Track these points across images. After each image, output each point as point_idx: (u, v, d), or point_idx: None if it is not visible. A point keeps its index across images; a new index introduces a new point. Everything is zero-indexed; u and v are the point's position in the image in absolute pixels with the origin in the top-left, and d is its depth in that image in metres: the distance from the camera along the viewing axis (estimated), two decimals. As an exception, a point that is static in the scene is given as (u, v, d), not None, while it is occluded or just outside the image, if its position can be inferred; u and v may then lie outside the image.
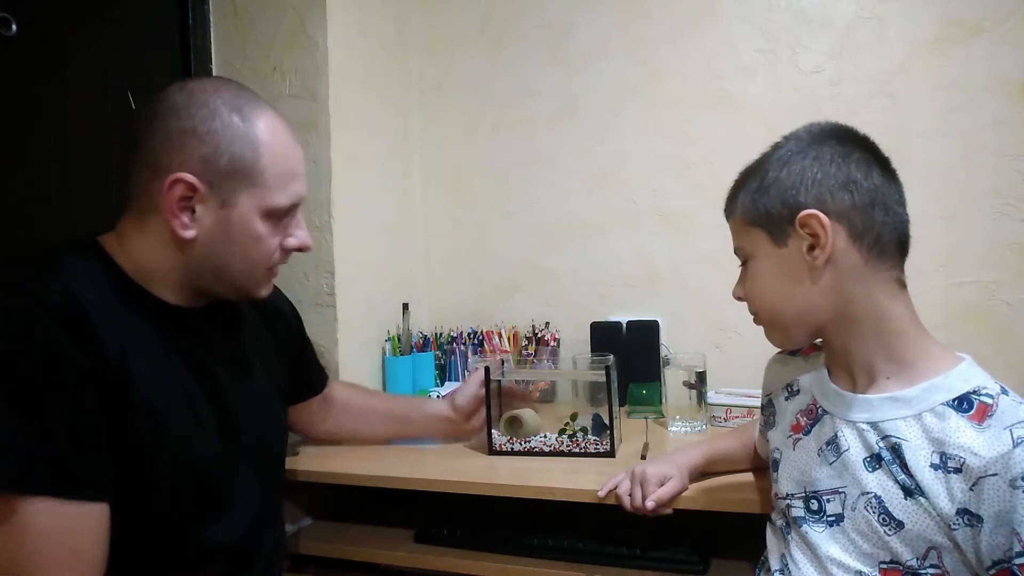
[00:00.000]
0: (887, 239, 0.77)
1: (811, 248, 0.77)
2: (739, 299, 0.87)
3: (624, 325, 1.69)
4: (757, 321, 0.87)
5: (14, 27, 1.23)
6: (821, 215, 0.76)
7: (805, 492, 0.83)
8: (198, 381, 0.91)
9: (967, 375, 0.74)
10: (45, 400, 0.75)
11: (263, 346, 1.07)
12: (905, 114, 1.53)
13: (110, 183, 1.40)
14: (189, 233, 0.86)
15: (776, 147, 0.83)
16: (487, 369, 1.29)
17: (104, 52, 1.40)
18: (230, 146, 0.85)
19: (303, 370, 1.21)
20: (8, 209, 1.23)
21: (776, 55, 1.63)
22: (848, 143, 0.79)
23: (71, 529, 0.76)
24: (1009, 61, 1.47)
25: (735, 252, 0.87)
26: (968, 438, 0.70)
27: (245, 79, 1.58)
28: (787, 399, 0.93)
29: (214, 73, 1.60)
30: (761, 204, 0.81)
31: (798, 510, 0.83)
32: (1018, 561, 0.66)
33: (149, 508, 0.84)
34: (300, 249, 0.96)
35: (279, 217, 0.91)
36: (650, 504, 0.99)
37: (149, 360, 0.85)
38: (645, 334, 1.67)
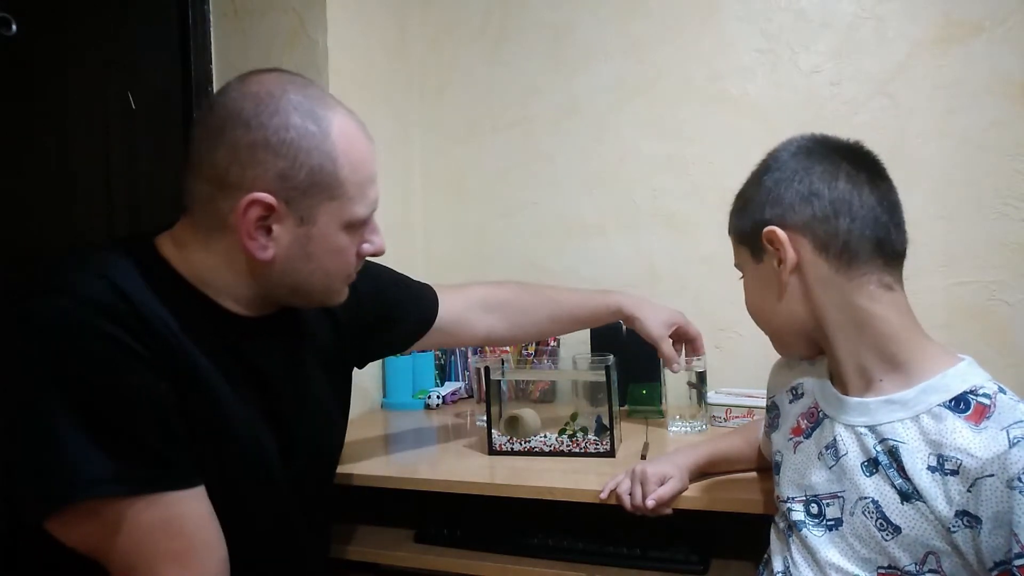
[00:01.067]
0: (857, 245, 0.77)
1: (779, 262, 0.81)
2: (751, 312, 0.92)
3: (624, 325, 1.69)
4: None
5: (14, 27, 1.23)
6: (778, 230, 0.80)
7: (805, 496, 0.83)
8: (256, 390, 0.87)
9: (965, 375, 0.74)
10: (113, 396, 0.72)
11: (319, 341, 1.00)
12: (905, 114, 1.53)
13: (110, 183, 1.40)
14: (267, 255, 0.80)
15: (758, 166, 0.87)
16: (487, 369, 1.29)
17: (104, 52, 1.40)
18: (308, 158, 0.78)
19: (390, 325, 1.14)
20: (8, 209, 1.23)
21: (776, 55, 1.63)
22: (815, 155, 0.81)
23: (175, 517, 0.75)
24: (1009, 61, 1.47)
25: (735, 267, 0.91)
26: (965, 439, 0.69)
27: (245, 79, 1.58)
28: (791, 402, 0.93)
29: (214, 73, 1.60)
30: (742, 223, 0.86)
31: (798, 514, 0.83)
32: (1018, 563, 0.65)
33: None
34: (376, 254, 0.91)
35: (359, 227, 0.86)
36: (650, 503, 0.99)
37: (207, 360, 0.81)
38: (645, 334, 1.67)
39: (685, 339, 1.33)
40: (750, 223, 0.83)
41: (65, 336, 0.71)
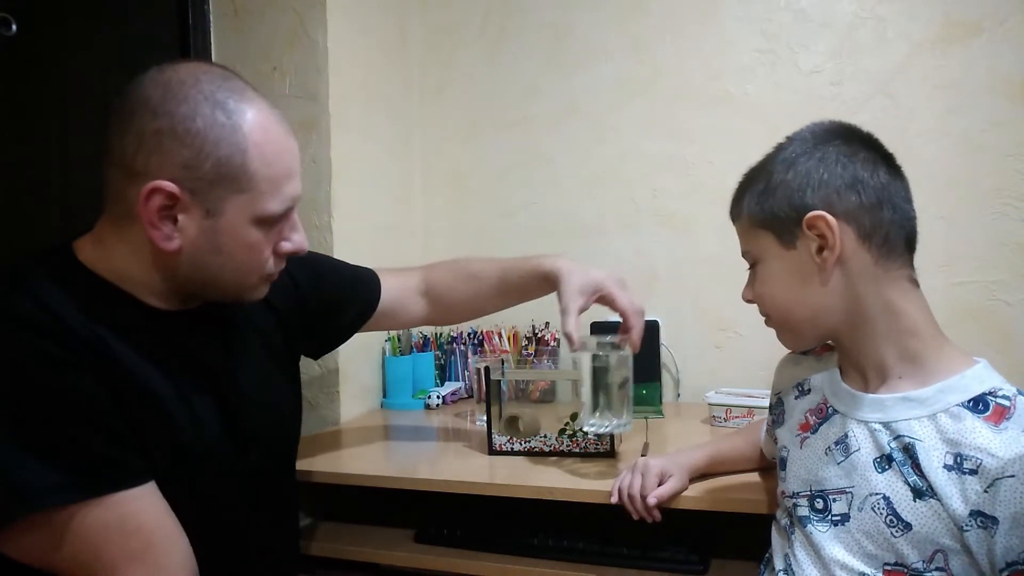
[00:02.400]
0: (896, 237, 0.77)
1: (820, 250, 0.77)
2: (749, 302, 0.86)
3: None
4: (769, 323, 0.86)
5: (14, 27, 1.23)
6: (828, 216, 0.75)
7: (811, 491, 0.82)
8: (198, 383, 0.86)
9: (982, 377, 0.74)
10: (47, 406, 0.72)
11: (261, 329, 1.00)
12: (905, 114, 1.53)
13: (110, 183, 1.40)
14: (172, 244, 0.78)
15: (780, 148, 0.82)
16: (487, 369, 1.29)
17: (104, 52, 1.40)
18: (215, 148, 0.76)
19: (336, 311, 1.14)
20: (8, 209, 1.23)
21: (776, 55, 1.63)
22: (853, 142, 0.79)
23: (129, 516, 0.74)
24: (1009, 61, 1.47)
25: (743, 255, 0.86)
26: (985, 439, 0.69)
27: (245, 79, 1.58)
28: (797, 398, 0.92)
29: (214, 73, 1.60)
30: (768, 206, 0.80)
31: (803, 509, 0.83)
32: None
33: None
34: (295, 253, 0.88)
35: (273, 223, 0.83)
36: (651, 500, 0.99)
37: (141, 359, 0.80)
38: (645, 334, 1.65)
39: (614, 309, 1.15)
40: (784, 207, 0.78)
41: None
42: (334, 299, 1.14)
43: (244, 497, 0.91)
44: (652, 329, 1.67)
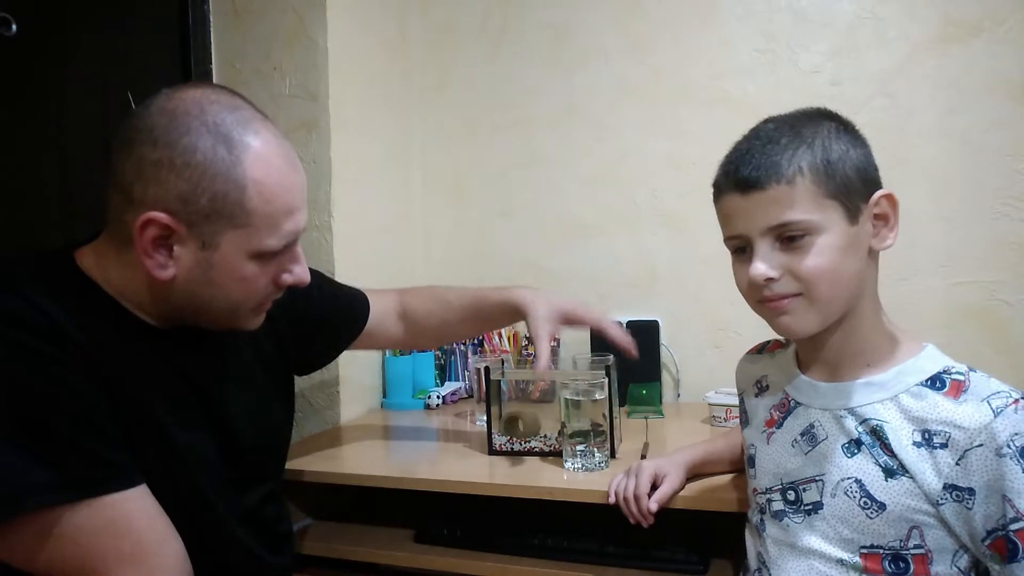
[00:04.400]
0: None
1: (888, 228, 0.78)
2: (769, 280, 0.77)
3: (624, 325, 1.68)
4: (795, 302, 0.77)
5: (14, 27, 1.23)
6: (894, 196, 0.78)
7: (782, 484, 0.84)
8: (189, 395, 0.86)
9: (935, 358, 0.78)
10: (40, 405, 0.71)
11: (258, 345, 1.01)
12: (905, 114, 1.53)
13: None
14: (166, 273, 0.78)
15: (802, 118, 0.80)
16: (487, 369, 1.29)
17: (104, 52, 1.40)
18: (212, 183, 0.74)
19: (329, 330, 1.15)
20: (7, 209, 1.23)
21: (776, 55, 1.63)
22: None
23: (121, 518, 0.74)
24: (1009, 61, 1.47)
25: (788, 226, 0.75)
26: (950, 412, 0.72)
27: (245, 79, 1.58)
28: (757, 396, 0.94)
29: (214, 73, 1.60)
30: (840, 175, 0.75)
31: (778, 503, 0.84)
32: (1014, 527, 0.68)
33: None
34: (296, 285, 0.87)
35: (271, 258, 0.82)
36: (653, 507, 0.99)
37: (134, 367, 0.80)
38: (645, 334, 1.67)
39: (583, 326, 1.19)
40: (857, 180, 0.76)
41: None
42: (326, 316, 1.15)
43: (233, 503, 0.91)
44: (652, 329, 1.67)
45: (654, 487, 1.02)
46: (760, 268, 0.77)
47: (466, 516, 1.22)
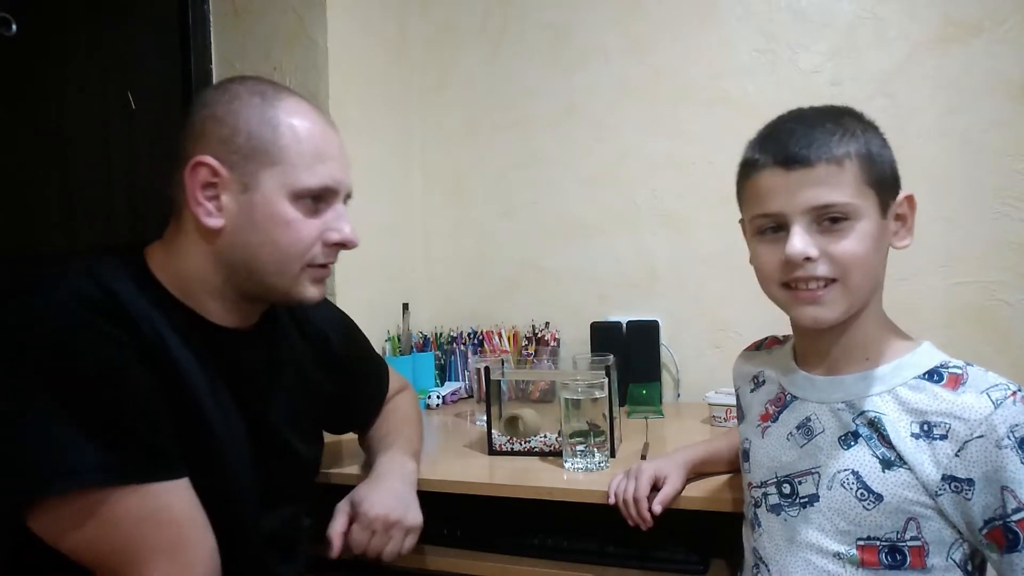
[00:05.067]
0: None
1: (905, 227, 0.80)
2: (807, 260, 0.75)
3: (624, 325, 1.69)
4: (828, 287, 0.76)
5: (14, 27, 1.23)
6: (915, 199, 0.80)
7: (777, 477, 0.84)
8: (234, 401, 0.87)
9: (931, 353, 0.79)
10: (100, 385, 0.72)
11: (305, 372, 1.02)
12: (905, 114, 1.53)
13: (111, 183, 1.40)
14: (215, 222, 0.81)
15: (841, 111, 0.80)
16: (487, 369, 1.29)
17: (104, 52, 1.40)
18: (247, 124, 0.82)
19: (343, 404, 1.14)
20: (7, 210, 1.23)
21: (776, 55, 1.63)
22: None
23: (164, 508, 0.74)
24: (1009, 61, 1.47)
25: (829, 208, 0.75)
26: (950, 404, 0.73)
27: (245, 79, 1.58)
28: (752, 391, 0.95)
29: (214, 73, 1.60)
30: (879, 168, 0.77)
31: (774, 497, 0.84)
32: (1015, 517, 0.69)
33: None
34: (344, 245, 0.89)
35: (312, 202, 0.85)
36: (657, 509, 0.99)
37: (193, 366, 0.82)
38: (645, 334, 1.67)
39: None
40: (891, 176, 0.79)
41: (50, 329, 0.72)
42: (358, 385, 1.16)
43: (262, 509, 0.92)
44: (652, 329, 1.68)
45: (656, 488, 1.02)
46: (799, 245, 0.74)
47: (466, 516, 1.22)
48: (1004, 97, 1.48)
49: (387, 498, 1.01)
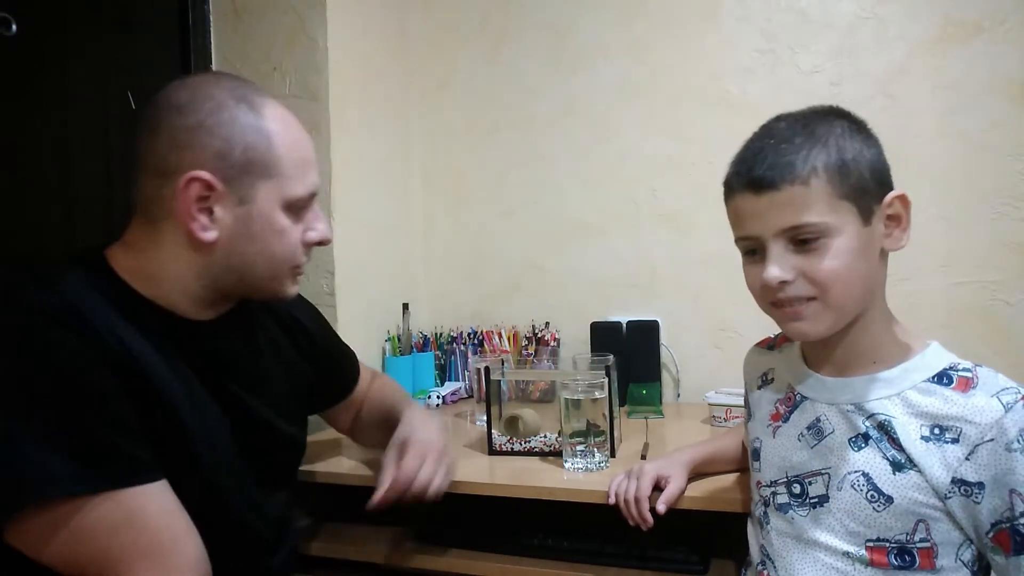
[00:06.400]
0: None
1: (900, 228, 0.78)
2: (783, 283, 0.76)
3: (624, 325, 1.69)
4: (810, 308, 0.77)
5: (14, 27, 1.23)
6: (908, 197, 0.77)
7: (787, 477, 0.84)
8: (212, 394, 0.88)
9: (940, 355, 0.78)
10: (65, 397, 0.72)
11: (284, 357, 1.03)
12: (905, 114, 1.53)
13: (111, 183, 1.40)
14: (210, 235, 0.81)
15: (815, 117, 0.79)
16: (487, 369, 1.29)
17: (104, 52, 1.40)
18: (242, 137, 0.81)
19: (325, 381, 1.16)
20: (7, 210, 1.23)
21: (776, 55, 1.63)
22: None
23: (139, 512, 0.74)
24: (1009, 61, 1.47)
25: (799, 228, 0.74)
26: (961, 407, 0.73)
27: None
28: (760, 388, 0.94)
29: (214, 73, 1.60)
30: (855, 175, 0.75)
31: (783, 496, 0.84)
32: (1022, 521, 0.68)
33: None
34: (321, 242, 0.92)
35: (299, 209, 0.87)
36: (661, 508, 0.99)
37: (162, 365, 0.81)
38: (645, 334, 1.67)
39: None
40: (872, 181, 0.75)
41: (14, 344, 0.72)
42: (330, 369, 1.17)
43: (252, 503, 0.92)
44: (652, 329, 1.68)
45: (658, 489, 1.02)
46: (774, 272, 0.76)
47: (466, 516, 1.22)
48: (1004, 97, 1.48)
49: (434, 431, 1.10)
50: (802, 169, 0.74)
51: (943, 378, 0.76)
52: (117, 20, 1.43)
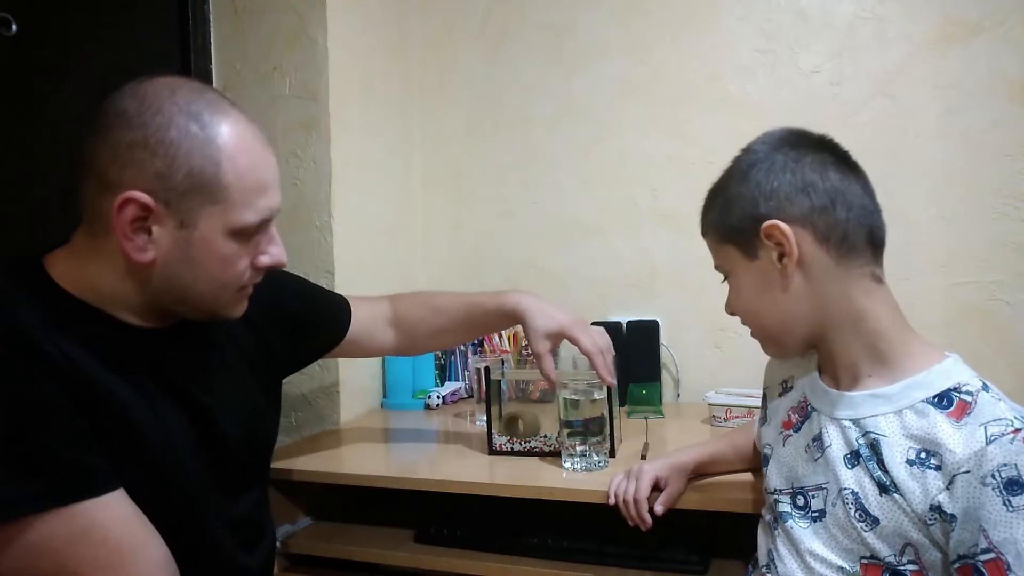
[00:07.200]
0: (855, 235, 0.78)
1: (780, 257, 0.78)
2: (731, 315, 0.88)
3: (624, 325, 1.69)
4: (752, 335, 0.88)
5: (14, 27, 1.23)
6: (781, 224, 0.77)
7: (792, 488, 0.84)
8: (168, 398, 0.85)
9: (949, 372, 0.74)
10: (7, 418, 0.70)
11: (241, 344, 0.99)
12: (905, 114, 1.53)
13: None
14: (145, 256, 0.77)
15: (736, 161, 0.84)
16: (487, 369, 1.29)
17: (104, 52, 1.40)
18: (187, 159, 0.75)
19: (309, 331, 1.13)
20: (7, 210, 1.23)
21: (776, 55, 1.63)
22: (800, 147, 0.80)
23: (95, 525, 0.73)
24: (1009, 61, 1.47)
25: (716, 269, 0.88)
26: (946, 435, 0.70)
27: (245, 79, 1.58)
28: (780, 395, 0.94)
29: (214, 73, 1.60)
30: (728, 221, 0.82)
31: (785, 505, 0.84)
32: (982, 558, 0.66)
33: None
34: (275, 267, 0.87)
35: (249, 235, 0.82)
36: (659, 509, 0.99)
37: (110, 373, 0.79)
38: (645, 334, 1.67)
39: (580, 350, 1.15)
40: (740, 219, 0.80)
41: None
42: (307, 320, 1.13)
43: (219, 506, 0.90)
44: (652, 329, 1.67)
45: (658, 489, 1.02)
46: (726, 306, 0.89)
47: (466, 516, 1.22)
48: (1004, 97, 1.48)
49: (560, 311, 1.16)
50: (705, 224, 0.88)
51: (943, 399, 0.73)
52: (117, 20, 1.43)
